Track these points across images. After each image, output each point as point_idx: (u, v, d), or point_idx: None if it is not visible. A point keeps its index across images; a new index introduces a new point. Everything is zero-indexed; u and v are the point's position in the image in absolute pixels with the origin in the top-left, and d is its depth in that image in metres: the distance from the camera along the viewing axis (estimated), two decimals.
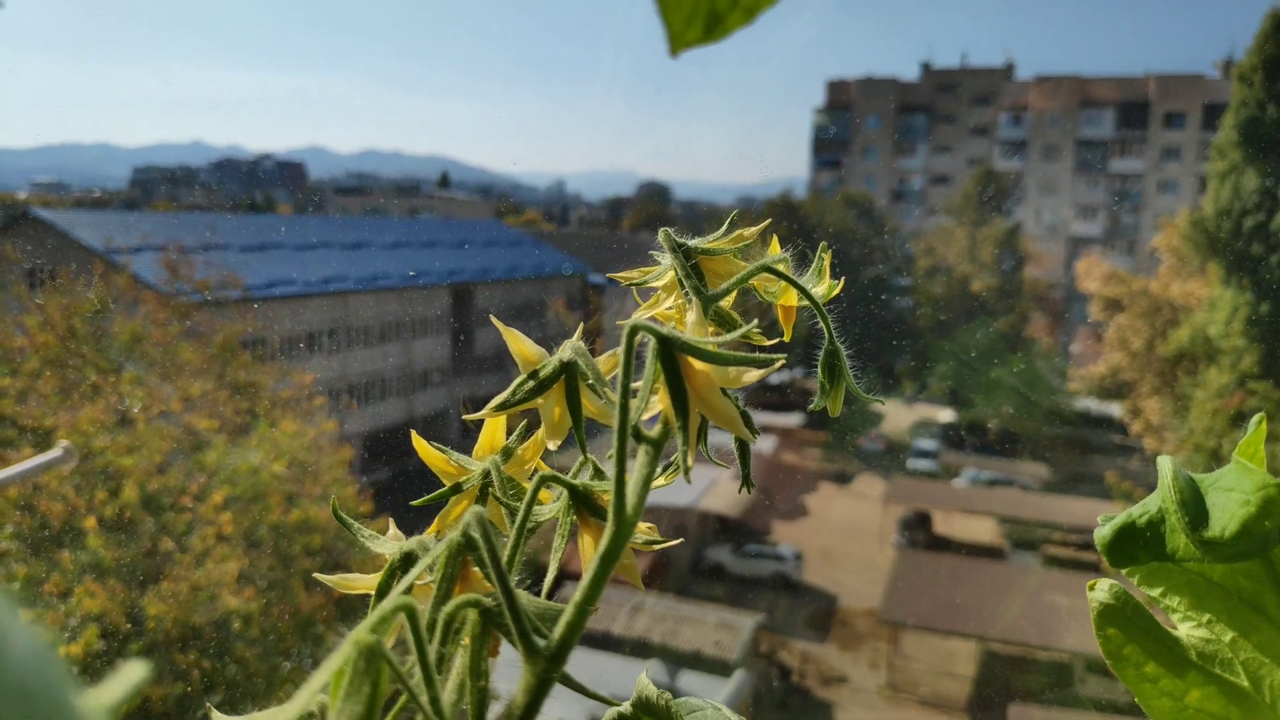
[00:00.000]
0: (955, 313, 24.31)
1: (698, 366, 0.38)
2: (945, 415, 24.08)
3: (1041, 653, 12.27)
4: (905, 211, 39.03)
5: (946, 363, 23.27)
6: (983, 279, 24.32)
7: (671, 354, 0.38)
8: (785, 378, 26.37)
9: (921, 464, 22.04)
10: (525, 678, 0.33)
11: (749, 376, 0.39)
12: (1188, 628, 0.47)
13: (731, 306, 0.51)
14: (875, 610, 13.66)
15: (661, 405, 0.38)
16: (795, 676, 13.09)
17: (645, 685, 0.42)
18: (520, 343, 0.44)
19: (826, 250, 0.51)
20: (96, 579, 5.99)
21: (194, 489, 6.76)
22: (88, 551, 6.03)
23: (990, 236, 25.17)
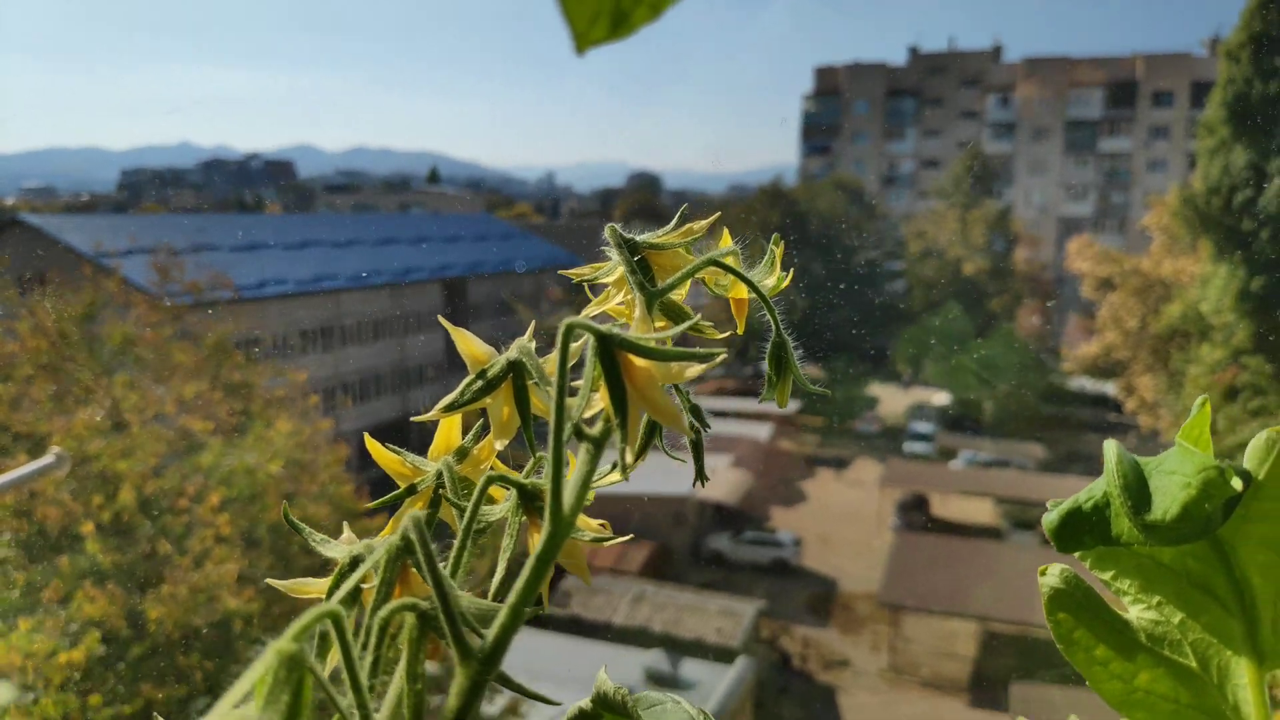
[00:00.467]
0: (948, 295, 24.32)
1: (638, 363, 0.38)
2: (940, 398, 24.11)
3: (1041, 631, 12.24)
4: (896, 195, 39.01)
5: (940, 345, 23.30)
6: (974, 261, 24.34)
7: (610, 351, 0.38)
8: None
9: (918, 447, 22.07)
10: (459, 680, 0.33)
11: (691, 371, 0.39)
12: (1138, 610, 0.47)
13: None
14: (875, 594, 13.69)
15: (602, 403, 0.38)
16: (797, 661, 13.13)
17: (603, 681, 0.43)
18: (469, 343, 0.45)
19: (779, 243, 0.52)
20: (96, 584, 5.99)
21: (191, 491, 6.75)
22: (86, 557, 6.03)
23: (981, 219, 25.18)
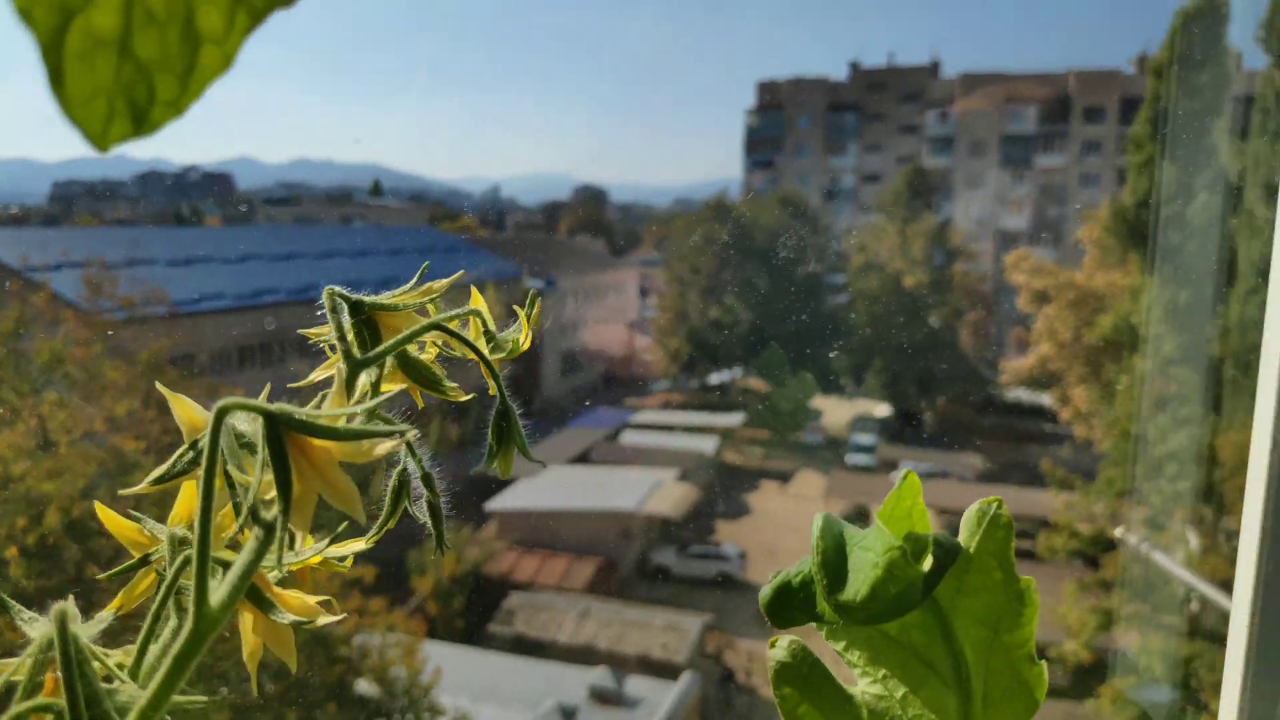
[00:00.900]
0: (889, 308, 24.66)
1: (317, 442, 0.36)
2: (881, 410, 24.40)
3: None
4: (838, 209, 39.51)
5: (881, 357, 23.61)
6: (915, 274, 24.70)
7: (277, 432, 0.35)
8: (727, 378, 26.53)
9: (860, 459, 22.31)
10: None
11: (381, 448, 0.36)
12: (865, 684, 0.46)
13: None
14: None
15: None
16: (742, 675, 13.14)
17: None
18: (186, 409, 0.42)
19: (536, 300, 0.50)
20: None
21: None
22: (9, 582, 5.83)
23: (921, 232, 25.57)
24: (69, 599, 0.40)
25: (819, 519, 0.43)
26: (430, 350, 0.48)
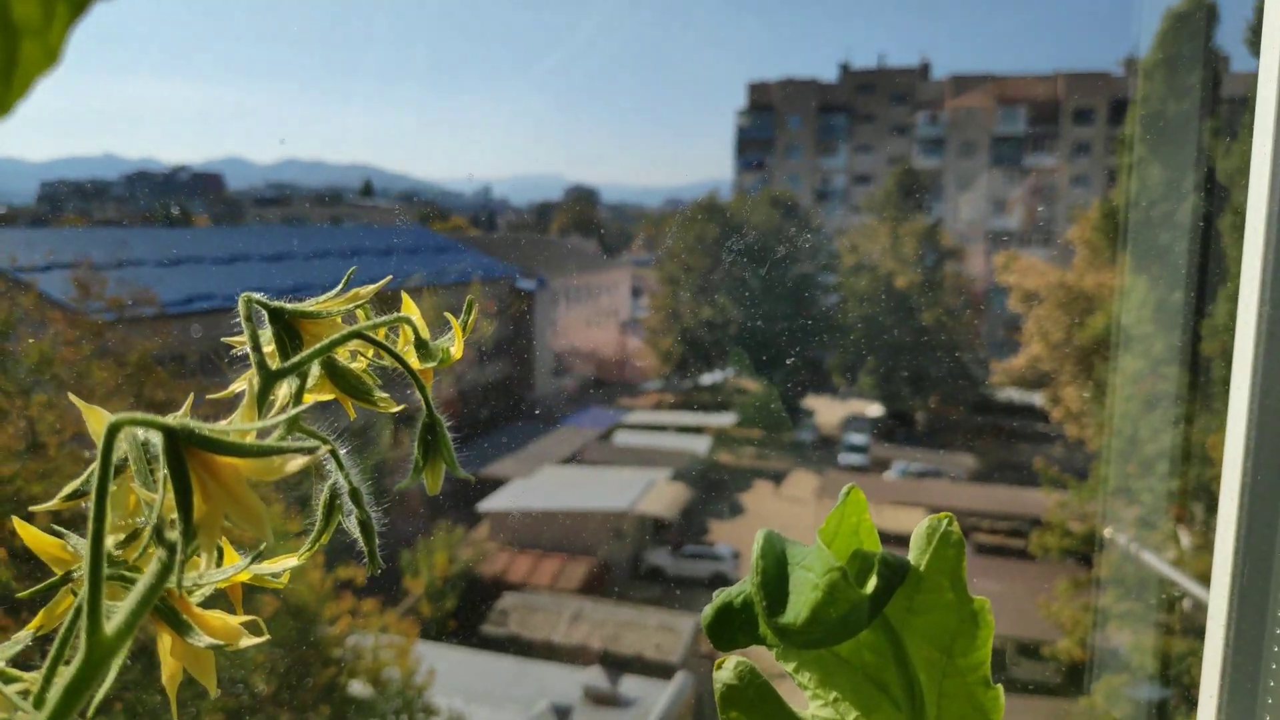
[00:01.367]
0: (881, 308, 24.67)
1: (223, 459, 0.34)
2: (874, 410, 24.41)
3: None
4: (829, 210, 39.53)
5: (874, 357, 23.64)
6: (906, 274, 24.72)
7: (178, 449, 0.34)
8: (719, 378, 26.50)
9: (853, 458, 22.30)
10: None
11: (293, 465, 0.35)
12: (816, 706, 0.44)
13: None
14: None
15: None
16: None
17: None
18: (99, 420, 0.40)
19: (472, 309, 0.49)
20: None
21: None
22: None
23: (912, 233, 25.59)
24: None
25: (760, 536, 0.41)
26: (361, 361, 0.47)
